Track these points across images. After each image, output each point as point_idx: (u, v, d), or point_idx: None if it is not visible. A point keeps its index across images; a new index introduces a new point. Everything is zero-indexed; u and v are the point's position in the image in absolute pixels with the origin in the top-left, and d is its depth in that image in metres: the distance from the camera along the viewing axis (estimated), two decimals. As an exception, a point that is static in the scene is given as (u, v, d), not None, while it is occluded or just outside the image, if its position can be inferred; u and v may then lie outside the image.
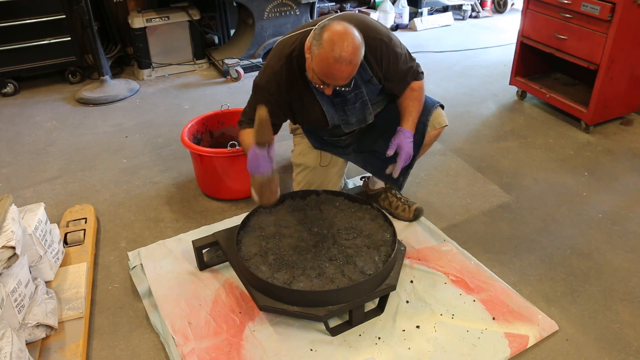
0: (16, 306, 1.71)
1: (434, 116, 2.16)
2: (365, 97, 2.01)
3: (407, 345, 1.79)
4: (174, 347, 1.79)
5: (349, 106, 2.01)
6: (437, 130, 2.20)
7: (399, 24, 5.10)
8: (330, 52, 1.69)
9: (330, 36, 1.70)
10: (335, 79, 1.76)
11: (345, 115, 2.04)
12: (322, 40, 1.71)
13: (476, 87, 3.83)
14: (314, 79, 1.81)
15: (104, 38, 4.16)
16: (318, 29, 1.75)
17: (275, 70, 1.92)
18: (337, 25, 1.73)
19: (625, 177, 2.75)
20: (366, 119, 2.08)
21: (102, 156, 3.05)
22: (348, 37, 1.71)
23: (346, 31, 1.71)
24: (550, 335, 1.85)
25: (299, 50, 1.89)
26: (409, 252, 2.18)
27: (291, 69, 1.91)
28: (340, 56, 1.69)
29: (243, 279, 1.90)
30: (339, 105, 2.01)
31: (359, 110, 2.04)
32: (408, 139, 2.03)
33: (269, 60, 1.97)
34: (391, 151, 2.03)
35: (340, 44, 1.69)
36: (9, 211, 1.83)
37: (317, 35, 1.73)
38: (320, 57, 1.71)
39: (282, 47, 1.94)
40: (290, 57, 1.90)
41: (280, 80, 1.92)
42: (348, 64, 1.72)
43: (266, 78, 1.94)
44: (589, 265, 2.16)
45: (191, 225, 2.43)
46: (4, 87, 3.79)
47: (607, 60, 2.88)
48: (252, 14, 3.99)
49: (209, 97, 3.77)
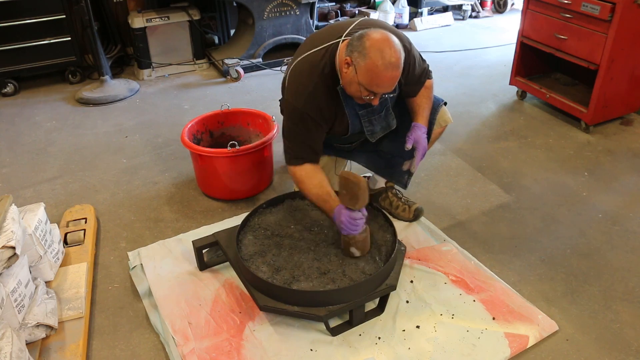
0: (16, 306, 1.71)
1: (440, 114, 2.17)
2: (389, 104, 2.00)
3: (407, 345, 1.79)
4: (174, 347, 1.79)
5: (375, 116, 1.99)
6: (441, 127, 2.21)
7: (399, 24, 5.10)
8: (379, 60, 1.67)
9: (375, 44, 1.67)
10: (385, 86, 1.74)
11: (372, 125, 2.02)
12: (366, 51, 1.68)
13: (476, 87, 3.83)
14: (361, 92, 1.76)
15: (104, 38, 4.16)
16: (355, 41, 1.71)
17: (310, 91, 1.84)
18: (375, 33, 1.70)
19: (625, 177, 2.75)
20: (390, 125, 2.07)
21: (102, 156, 3.05)
22: (391, 42, 1.69)
23: (387, 37, 1.70)
24: (550, 335, 1.85)
25: (330, 66, 1.84)
26: (409, 252, 2.18)
27: (324, 87, 1.85)
28: (390, 62, 1.68)
29: (243, 279, 1.90)
30: (365, 117, 1.98)
31: (383, 118, 2.03)
32: (424, 134, 2.02)
33: (297, 80, 1.88)
34: (409, 144, 1.99)
35: (387, 50, 1.67)
36: (9, 211, 1.83)
37: (358, 47, 1.70)
38: (368, 67, 1.68)
39: (308, 66, 1.86)
40: (323, 73, 1.84)
41: (319, 99, 1.86)
42: (397, 69, 1.71)
43: (303, 100, 1.85)
44: (589, 265, 2.16)
45: (191, 225, 2.43)
46: (4, 87, 3.79)
47: (607, 60, 2.88)
48: (252, 14, 3.99)
49: (209, 97, 3.77)
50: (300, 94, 1.86)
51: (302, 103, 1.85)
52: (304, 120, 1.88)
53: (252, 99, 3.71)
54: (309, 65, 1.87)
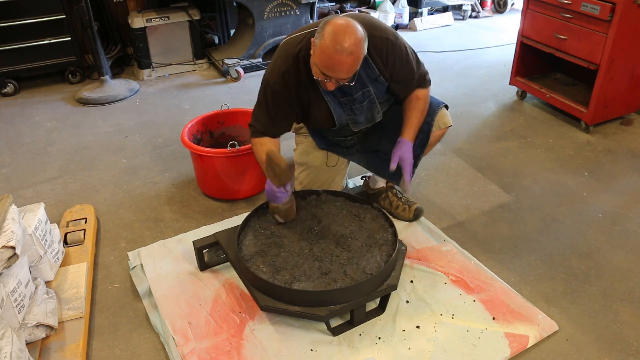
0: (16, 306, 1.71)
1: (439, 116, 2.16)
2: (373, 95, 2.01)
3: (407, 345, 1.79)
4: (174, 347, 1.79)
5: (357, 105, 2.01)
6: (441, 130, 2.20)
7: (399, 24, 5.10)
8: (331, 43, 1.70)
9: (332, 28, 1.71)
10: (336, 71, 1.76)
11: (354, 114, 2.04)
12: (323, 33, 1.73)
13: (476, 87, 3.83)
14: (317, 73, 1.82)
15: (104, 38, 4.16)
16: (322, 24, 1.77)
17: (282, 71, 1.92)
18: (340, 19, 1.75)
19: (625, 177, 2.75)
20: (374, 117, 2.08)
21: (102, 156, 3.05)
22: (349, 29, 1.72)
23: (348, 24, 1.73)
24: (550, 335, 1.85)
25: (305, 50, 1.89)
26: (409, 252, 2.18)
27: (298, 69, 1.91)
28: (341, 47, 1.70)
29: (244, 279, 1.90)
30: (347, 105, 2.01)
31: (367, 109, 2.04)
32: (409, 148, 2.03)
33: (275, 59, 1.97)
34: (394, 164, 2.02)
35: (342, 35, 1.70)
36: (9, 211, 1.83)
37: (320, 29, 1.75)
38: (321, 48, 1.72)
39: (288, 46, 1.94)
40: (297, 57, 1.90)
41: (289, 80, 1.92)
42: (349, 55, 1.72)
43: (275, 79, 1.94)
44: (589, 265, 2.16)
45: (191, 225, 2.43)
46: (4, 87, 3.79)
47: (607, 60, 2.88)
48: (252, 14, 3.99)
49: (209, 97, 3.77)
50: (275, 72, 1.94)
51: (274, 80, 1.94)
52: (274, 97, 1.96)
53: (252, 99, 3.63)
54: (287, 47, 1.94)
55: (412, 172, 2.18)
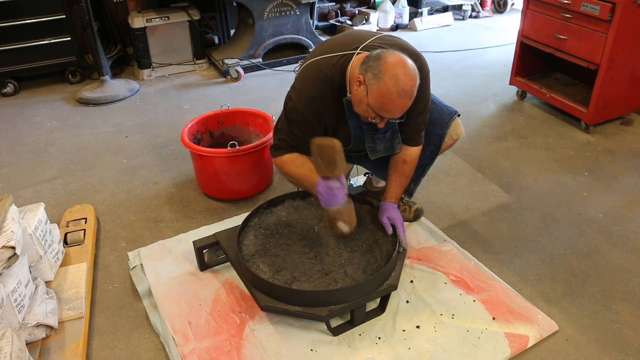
0: (16, 306, 1.71)
1: (452, 127, 2.10)
2: (396, 126, 1.94)
3: (407, 345, 1.79)
4: (174, 347, 1.79)
5: (379, 135, 1.94)
6: (452, 140, 2.16)
7: (399, 24, 5.10)
8: (393, 87, 1.63)
9: (392, 71, 1.63)
10: (394, 113, 1.71)
11: (374, 143, 1.97)
12: (381, 74, 1.64)
13: (476, 87, 3.83)
14: (368, 113, 1.73)
15: (104, 38, 4.16)
16: (372, 61, 1.67)
17: (313, 96, 1.82)
18: (393, 56, 1.66)
19: (625, 177, 2.75)
20: (394, 147, 2.00)
21: (102, 156, 3.05)
22: (407, 70, 1.65)
23: (405, 64, 1.65)
24: (550, 335, 1.85)
25: (339, 77, 1.80)
26: (409, 252, 2.18)
27: (329, 95, 1.82)
28: (404, 92, 1.64)
29: (244, 279, 1.90)
30: (369, 134, 1.94)
31: (388, 140, 1.97)
32: (394, 209, 2.01)
33: (303, 83, 1.86)
34: (390, 229, 1.98)
35: (403, 78, 1.63)
36: (9, 211, 1.83)
37: (373, 68, 1.65)
38: (381, 92, 1.65)
39: (317, 71, 1.83)
40: (331, 82, 1.81)
41: (319, 105, 1.83)
42: (409, 97, 1.67)
43: (304, 103, 1.83)
44: (589, 265, 2.16)
45: (191, 225, 2.43)
46: (4, 87, 3.79)
47: (607, 60, 2.88)
48: (252, 14, 3.99)
49: (209, 97, 3.77)
50: (303, 95, 1.84)
51: (302, 105, 1.84)
52: (299, 121, 1.86)
53: (252, 99, 3.71)
54: (318, 70, 1.83)
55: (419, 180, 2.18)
